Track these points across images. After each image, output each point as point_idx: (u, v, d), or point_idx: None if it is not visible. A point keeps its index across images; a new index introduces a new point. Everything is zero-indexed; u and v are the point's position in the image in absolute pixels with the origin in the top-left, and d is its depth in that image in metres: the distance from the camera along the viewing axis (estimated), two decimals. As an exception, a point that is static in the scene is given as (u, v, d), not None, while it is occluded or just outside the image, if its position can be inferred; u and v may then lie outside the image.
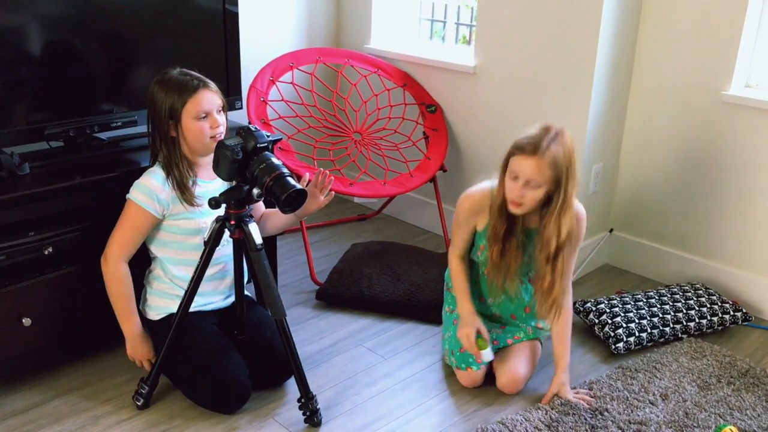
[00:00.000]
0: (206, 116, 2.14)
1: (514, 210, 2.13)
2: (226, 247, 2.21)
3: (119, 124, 2.49)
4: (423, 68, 3.42)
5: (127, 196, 2.17)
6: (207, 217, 2.21)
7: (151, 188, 2.15)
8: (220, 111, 2.18)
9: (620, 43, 2.88)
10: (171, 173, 2.16)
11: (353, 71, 3.41)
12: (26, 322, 2.16)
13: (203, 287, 2.18)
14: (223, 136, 2.17)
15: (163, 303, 2.28)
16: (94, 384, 2.31)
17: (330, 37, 3.74)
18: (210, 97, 2.15)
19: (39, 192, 2.16)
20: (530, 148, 2.04)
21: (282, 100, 3.15)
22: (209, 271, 2.19)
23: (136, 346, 2.27)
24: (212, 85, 2.18)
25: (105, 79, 2.50)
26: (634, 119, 3.07)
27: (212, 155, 2.18)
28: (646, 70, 2.96)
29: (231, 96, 2.80)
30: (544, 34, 2.93)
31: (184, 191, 2.16)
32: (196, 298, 2.17)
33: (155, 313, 2.29)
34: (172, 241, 2.24)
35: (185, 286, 2.19)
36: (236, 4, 2.74)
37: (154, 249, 2.27)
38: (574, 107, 2.90)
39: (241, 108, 2.85)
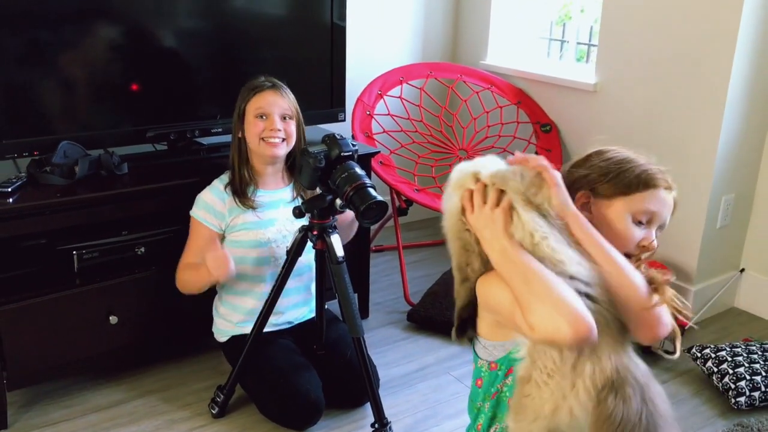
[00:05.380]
0: (266, 117, 2.10)
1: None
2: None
3: (220, 130, 2.50)
4: (539, 85, 3.24)
5: (190, 212, 2.16)
6: (267, 229, 2.17)
7: (207, 202, 2.14)
8: (285, 118, 2.12)
9: (760, 59, 2.58)
10: (233, 176, 2.13)
11: (465, 87, 3.29)
12: (113, 320, 2.18)
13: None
14: (284, 143, 2.12)
15: (225, 327, 2.25)
16: (175, 388, 2.30)
17: (446, 53, 3.64)
18: (273, 99, 2.10)
19: (133, 191, 2.19)
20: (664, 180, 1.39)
21: (388, 114, 3.08)
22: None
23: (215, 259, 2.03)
24: (284, 90, 2.13)
25: (210, 86, 2.52)
26: (774, 146, 2.74)
27: (279, 165, 2.18)
28: (791, 92, 2.64)
29: (335, 107, 2.77)
30: (671, 51, 2.68)
31: (240, 195, 2.12)
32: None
33: (221, 336, 2.26)
34: (232, 257, 2.10)
35: (241, 316, 2.19)
36: (344, 19, 2.70)
37: None
38: (704, 130, 2.62)
39: (344, 120, 2.80)
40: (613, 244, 1.31)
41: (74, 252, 2.17)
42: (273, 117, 2.09)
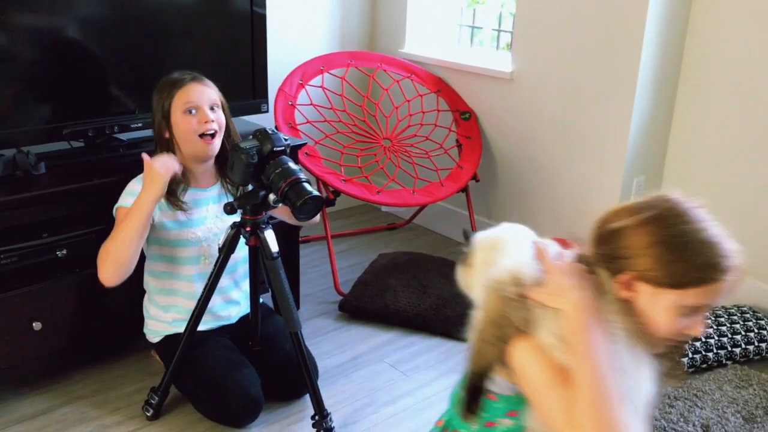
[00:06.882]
0: (196, 111, 2.03)
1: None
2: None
3: (140, 125, 2.43)
4: (458, 74, 3.30)
5: (116, 205, 2.04)
6: (198, 228, 2.13)
7: (136, 190, 2.02)
8: (215, 108, 2.06)
9: (666, 47, 2.72)
10: None
11: (386, 76, 3.31)
12: (36, 326, 2.10)
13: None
14: (217, 134, 2.07)
15: (157, 327, 2.21)
16: (105, 392, 2.24)
17: (364, 41, 3.64)
18: (200, 90, 2.04)
19: (52, 192, 2.11)
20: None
21: (311, 104, 3.07)
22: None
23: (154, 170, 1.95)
24: (207, 81, 2.08)
25: (127, 79, 2.44)
26: (679, 128, 2.89)
27: (210, 162, 2.12)
28: (695, 75, 2.79)
29: (257, 99, 2.73)
30: (584, 39, 2.79)
31: (170, 194, 2.04)
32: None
33: (153, 336, 2.23)
34: (160, 256, 2.12)
35: (173, 315, 2.15)
36: (264, 6, 2.66)
37: (146, 273, 2.18)
38: (616, 115, 2.75)
39: (267, 111, 2.77)
40: (653, 330, 1.18)
41: (-9, 257, 2.07)
42: (203, 108, 2.03)
